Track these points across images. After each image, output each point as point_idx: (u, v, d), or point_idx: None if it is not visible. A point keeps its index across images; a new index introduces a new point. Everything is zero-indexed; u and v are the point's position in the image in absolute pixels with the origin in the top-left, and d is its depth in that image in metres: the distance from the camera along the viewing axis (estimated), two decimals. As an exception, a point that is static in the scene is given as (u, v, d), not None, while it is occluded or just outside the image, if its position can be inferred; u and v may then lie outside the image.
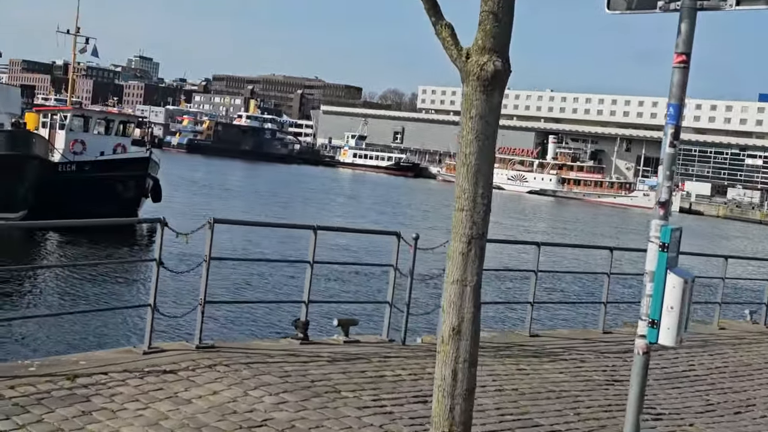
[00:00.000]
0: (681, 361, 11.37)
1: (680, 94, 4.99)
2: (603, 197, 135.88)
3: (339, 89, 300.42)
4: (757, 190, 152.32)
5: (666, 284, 4.84)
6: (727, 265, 14.67)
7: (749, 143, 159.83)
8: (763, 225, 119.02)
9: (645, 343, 4.99)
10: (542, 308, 18.86)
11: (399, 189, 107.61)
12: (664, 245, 4.92)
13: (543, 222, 77.11)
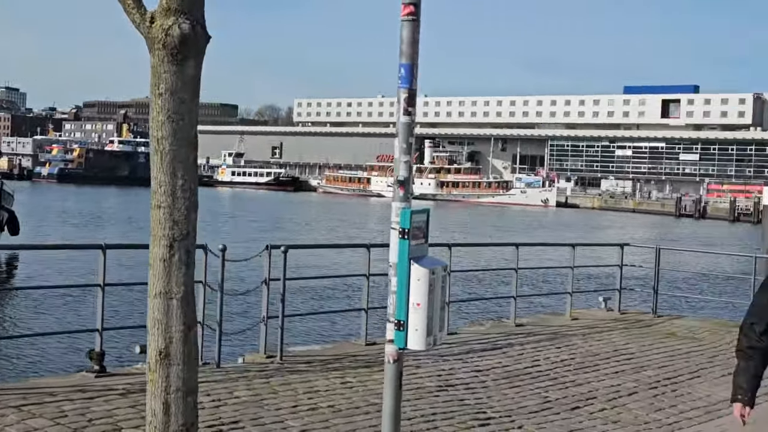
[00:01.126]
0: (525, 357, 10.80)
1: (411, 52, 4.27)
2: (482, 197, 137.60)
3: (214, 108, 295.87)
4: (628, 180, 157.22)
5: (410, 278, 4.09)
6: (575, 253, 14.25)
7: (618, 135, 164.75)
8: (636, 213, 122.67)
9: (394, 349, 4.21)
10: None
11: (279, 204, 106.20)
12: (405, 231, 4.16)
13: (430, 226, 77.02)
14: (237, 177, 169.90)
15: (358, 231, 60.82)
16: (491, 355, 10.74)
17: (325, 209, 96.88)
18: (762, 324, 4.40)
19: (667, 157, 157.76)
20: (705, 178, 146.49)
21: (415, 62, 4.31)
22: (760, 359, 4.48)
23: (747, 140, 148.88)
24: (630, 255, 16.41)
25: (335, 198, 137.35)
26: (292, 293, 20.85)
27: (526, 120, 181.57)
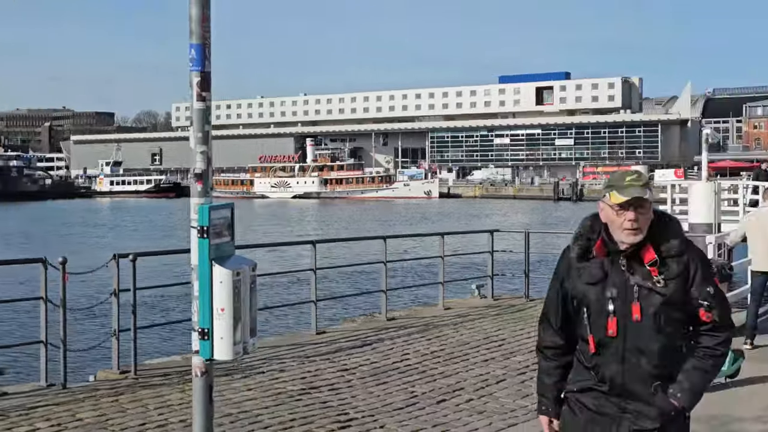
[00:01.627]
0: (395, 352, 10.57)
1: (201, 31, 3.91)
2: (366, 192, 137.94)
3: (90, 117, 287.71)
4: (508, 167, 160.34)
5: (213, 280, 3.72)
6: (445, 242, 14.12)
7: (495, 124, 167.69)
8: (517, 199, 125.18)
9: (201, 361, 3.83)
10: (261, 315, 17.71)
11: (161, 211, 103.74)
12: (204, 229, 3.79)
13: (311, 224, 76.55)
14: (116, 186, 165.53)
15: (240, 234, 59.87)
16: (360, 353, 10.46)
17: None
18: (557, 318, 3.71)
19: (543, 143, 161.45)
20: (580, 162, 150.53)
21: (206, 42, 3.94)
22: (561, 360, 3.75)
23: (618, 123, 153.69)
24: (501, 241, 16.43)
25: (218, 202, 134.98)
26: (149, 303, 20.23)
27: (405, 114, 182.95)
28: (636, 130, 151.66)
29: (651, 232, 3.50)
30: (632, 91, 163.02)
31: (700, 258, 3.58)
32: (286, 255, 29.45)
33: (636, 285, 3.48)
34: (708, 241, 11.94)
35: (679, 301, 3.48)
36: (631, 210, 3.44)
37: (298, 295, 19.67)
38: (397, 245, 27.91)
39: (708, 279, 3.54)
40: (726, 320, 3.58)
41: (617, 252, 3.52)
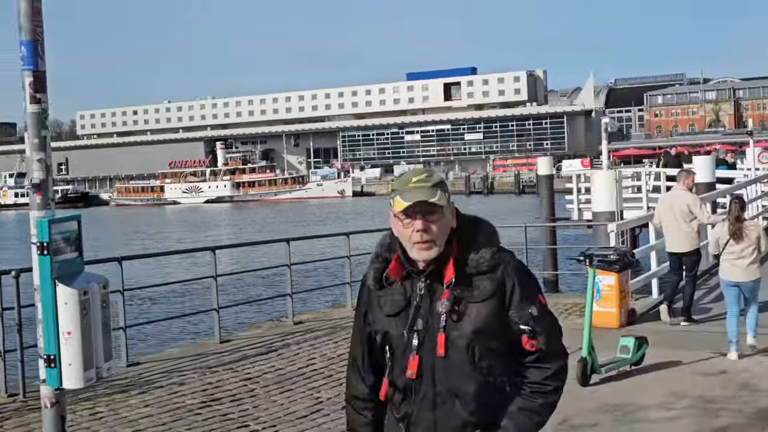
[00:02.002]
0: (301, 357, 10.30)
1: (32, 27, 3.58)
2: (280, 194, 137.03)
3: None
4: (420, 163, 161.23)
5: (57, 301, 3.39)
6: (350, 242, 13.89)
7: (406, 121, 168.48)
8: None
9: (50, 390, 3.51)
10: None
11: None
12: (44, 245, 3.45)
13: (224, 229, 75.47)
14: (22, 198, 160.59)
15: (154, 242, 58.67)
16: (264, 360, 10.17)
17: (117, 223, 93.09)
18: (364, 360, 3.06)
19: (453, 138, 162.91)
20: (490, 155, 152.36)
21: (39, 39, 3.61)
22: (372, 412, 3.07)
23: (525, 116, 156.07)
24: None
25: (129, 210, 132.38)
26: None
27: (316, 114, 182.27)
28: (543, 122, 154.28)
29: (457, 244, 2.86)
30: (537, 84, 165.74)
31: (519, 271, 2.91)
32: (199, 261, 28.88)
33: (442, 312, 2.83)
34: (609, 228, 12.02)
35: (494, 328, 2.84)
36: (419, 218, 2.79)
37: (203, 303, 19.23)
38: (309, 247, 27.60)
39: (530, 297, 2.90)
40: (555, 347, 2.93)
41: (417, 273, 2.87)
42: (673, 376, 8.90)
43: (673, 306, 12.06)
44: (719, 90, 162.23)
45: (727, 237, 9.84)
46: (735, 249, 9.83)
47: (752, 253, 9.81)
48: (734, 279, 9.88)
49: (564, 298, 14.41)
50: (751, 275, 9.83)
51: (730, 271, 9.91)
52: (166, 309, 19.89)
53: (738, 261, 9.81)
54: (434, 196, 2.80)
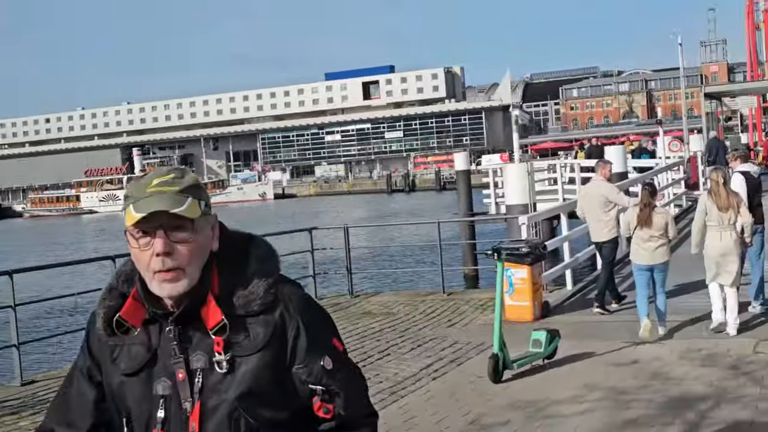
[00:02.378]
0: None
1: None
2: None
3: None
4: (341, 163, 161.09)
5: None
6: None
7: (326, 121, 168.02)
8: (351, 195, 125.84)
9: None
10: None
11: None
12: None
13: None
14: None
15: (70, 254, 57.07)
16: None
17: (31, 235, 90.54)
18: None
19: (374, 137, 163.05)
20: (411, 153, 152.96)
21: None
22: None
23: (444, 112, 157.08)
24: (324, 238, 16.03)
25: (45, 221, 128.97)
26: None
27: (234, 116, 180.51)
28: (462, 118, 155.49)
29: (219, 274, 2.09)
30: (455, 80, 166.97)
31: (306, 310, 2.16)
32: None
33: (198, 369, 2.05)
34: (521, 221, 11.91)
35: (271, 390, 2.07)
36: (159, 236, 1.99)
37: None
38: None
39: (322, 345, 2.15)
40: (359, 410, 2.20)
41: (163, 315, 2.07)
42: (586, 368, 8.79)
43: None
44: (632, 82, 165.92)
45: (636, 222, 10.10)
46: (644, 234, 10.07)
47: (660, 237, 10.05)
48: (644, 262, 10.13)
49: (480, 293, 14.29)
50: (659, 258, 10.06)
51: (639, 255, 10.16)
52: (68, 322, 19.15)
53: (647, 245, 10.05)
54: (181, 204, 2.00)
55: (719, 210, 9.80)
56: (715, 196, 9.86)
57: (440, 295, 14.16)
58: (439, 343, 10.50)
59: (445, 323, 11.88)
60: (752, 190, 10.89)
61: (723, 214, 9.79)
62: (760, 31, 43.99)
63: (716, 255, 9.85)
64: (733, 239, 9.83)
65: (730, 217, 9.80)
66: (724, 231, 9.83)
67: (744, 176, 10.97)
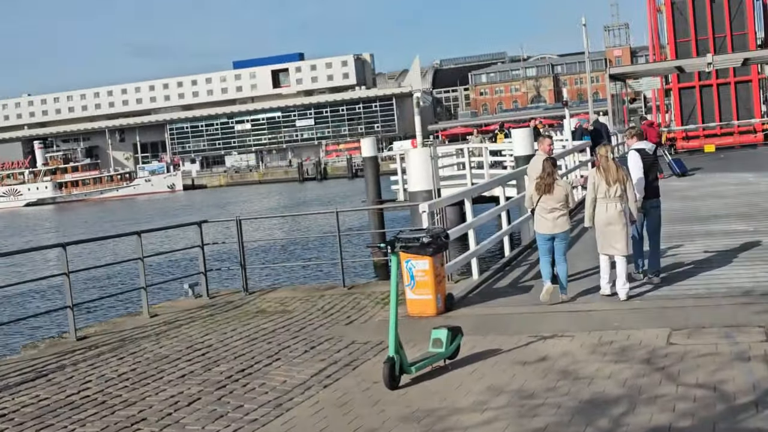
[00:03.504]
0: (75, 381, 8.84)
1: None
2: (106, 192, 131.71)
3: None
4: (252, 152, 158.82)
5: None
6: (142, 241, 12.42)
7: (235, 110, 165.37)
8: (262, 184, 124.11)
9: None
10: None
11: None
12: None
13: (47, 232, 71.10)
14: None
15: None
16: (29, 388, 8.66)
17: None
18: None
19: (284, 125, 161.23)
20: (323, 141, 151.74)
21: None
22: None
23: (354, 99, 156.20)
24: (217, 233, 14.99)
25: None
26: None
27: (141, 107, 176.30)
28: (372, 105, 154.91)
29: None
30: (365, 67, 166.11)
31: None
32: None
33: None
34: (421, 209, 11.10)
35: None
36: None
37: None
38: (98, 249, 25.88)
39: None
40: None
41: None
42: (491, 369, 8.05)
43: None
44: (539, 66, 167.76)
45: (538, 193, 10.59)
46: (546, 204, 10.58)
47: (561, 208, 10.57)
48: (546, 231, 10.67)
49: (382, 286, 13.38)
50: (560, 227, 10.61)
51: (542, 224, 10.69)
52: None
53: (549, 215, 10.59)
54: None
55: (606, 184, 10.27)
56: (603, 170, 10.33)
57: (340, 289, 13.32)
58: (335, 344, 9.66)
59: (344, 321, 11.04)
60: (647, 166, 11.05)
61: (610, 188, 10.26)
62: (661, 13, 44.22)
63: (602, 226, 10.41)
64: (617, 210, 10.29)
65: (616, 189, 10.27)
66: (609, 203, 10.30)
67: (639, 153, 11.07)
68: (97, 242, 24.60)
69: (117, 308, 17.60)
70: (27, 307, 20.74)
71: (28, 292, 23.31)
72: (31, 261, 29.13)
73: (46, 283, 20.26)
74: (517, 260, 14.12)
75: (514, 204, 16.58)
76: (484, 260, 14.71)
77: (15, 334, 15.49)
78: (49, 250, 15.38)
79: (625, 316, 9.61)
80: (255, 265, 14.36)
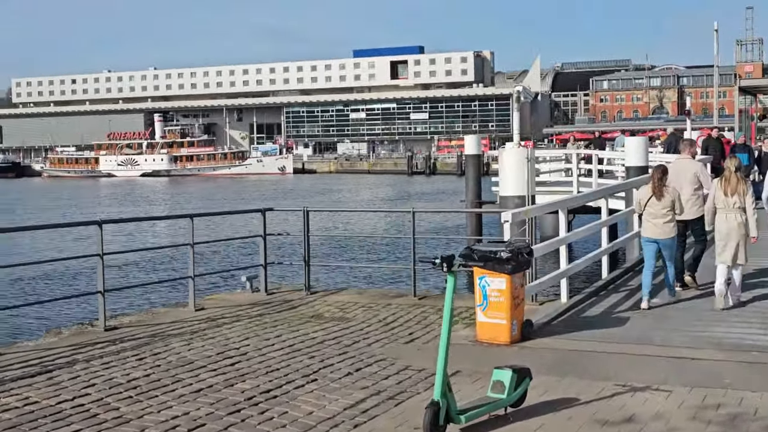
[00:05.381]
0: (78, 383, 7.65)
1: None
2: (218, 169, 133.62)
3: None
4: (364, 142, 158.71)
5: None
6: (194, 226, 11.21)
7: (351, 98, 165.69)
8: (371, 174, 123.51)
9: None
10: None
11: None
12: None
13: (158, 204, 72.02)
14: None
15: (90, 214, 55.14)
16: (24, 386, 7.49)
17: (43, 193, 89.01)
18: None
19: (399, 117, 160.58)
20: (435, 136, 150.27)
21: None
22: None
23: (471, 96, 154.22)
24: (282, 222, 13.75)
25: (61, 182, 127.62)
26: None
27: (260, 88, 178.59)
28: (488, 103, 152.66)
29: None
30: (485, 65, 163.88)
31: None
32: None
33: None
34: (503, 218, 9.52)
35: None
36: None
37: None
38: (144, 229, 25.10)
39: None
40: None
41: None
42: (562, 426, 6.48)
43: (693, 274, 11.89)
44: (664, 77, 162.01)
45: (648, 197, 10.72)
46: (654, 210, 10.72)
47: (668, 214, 10.71)
48: (652, 236, 10.81)
49: (457, 299, 11.81)
50: (667, 233, 10.75)
51: (649, 229, 10.84)
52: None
53: (656, 221, 10.73)
54: None
55: (724, 194, 10.55)
56: (725, 181, 10.58)
57: (410, 298, 11.85)
58: (385, 368, 8.22)
59: (404, 338, 9.59)
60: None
61: (728, 199, 10.54)
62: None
63: (721, 235, 10.62)
64: (737, 222, 10.52)
65: (735, 201, 10.52)
66: (729, 213, 10.59)
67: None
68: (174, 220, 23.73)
69: (174, 295, 16.56)
70: (73, 285, 20.08)
71: (81, 268, 22.60)
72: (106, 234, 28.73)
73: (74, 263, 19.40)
74: (616, 284, 12.40)
75: (620, 218, 14.83)
76: (577, 280, 13.04)
77: (50, 315, 14.65)
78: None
79: (739, 371, 7.86)
80: (321, 261, 13.10)
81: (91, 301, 14.00)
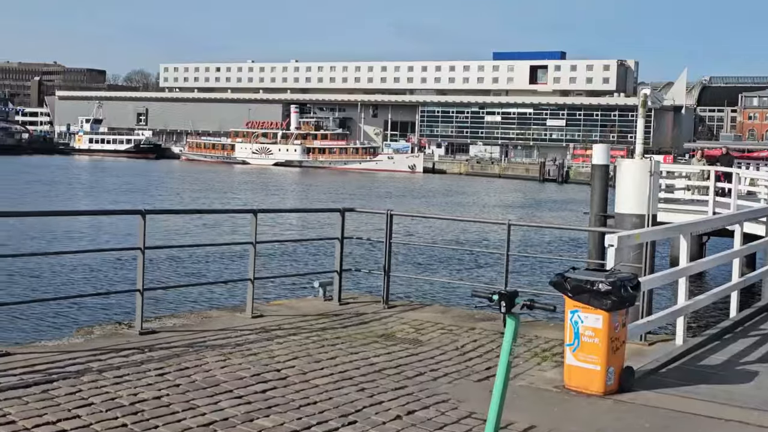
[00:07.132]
0: (72, 400, 6.49)
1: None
2: (349, 163, 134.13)
3: (80, 74, 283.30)
4: (497, 145, 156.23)
5: None
6: (257, 221, 9.99)
7: (487, 101, 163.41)
8: (502, 178, 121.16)
9: None
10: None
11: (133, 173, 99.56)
12: None
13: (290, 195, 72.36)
14: (95, 144, 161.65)
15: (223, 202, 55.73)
16: (10, 399, 6.40)
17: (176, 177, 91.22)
18: None
19: (535, 122, 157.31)
20: (571, 144, 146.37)
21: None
22: None
23: (611, 106, 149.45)
24: (364, 225, 12.39)
25: (196, 166, 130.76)
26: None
27: (397, 86, 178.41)
28: (629, 114, 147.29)
29: None
30: (627, 74, 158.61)
31: None
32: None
33: None
34: (608, 242, 7.84)
35: None
36: None
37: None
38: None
39: None
40: None
41: None
42: None
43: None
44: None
45: None
46: None
47: None
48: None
49: (554, 329, 10.21)
50: None
51: None
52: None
53: None
54: None
55: None
56: None
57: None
58: (444, 413, 6.74)
59: (479, 372, 8.06)
60: None
61: None
62: None
63: None
64: None
65: None
66: None
67: None
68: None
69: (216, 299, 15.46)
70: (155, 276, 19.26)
71: (218, 255, 21.79)
72: (230, 221, 27.96)
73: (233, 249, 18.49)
74: (745, 326, 10.50)
75: (760, 248, 12.84)
76: (698, 318, 11.18)
77: (101, 308, 13.77)
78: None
79: None
80: (402, 270, 11.73)
81: (153, 298, 13.06)
